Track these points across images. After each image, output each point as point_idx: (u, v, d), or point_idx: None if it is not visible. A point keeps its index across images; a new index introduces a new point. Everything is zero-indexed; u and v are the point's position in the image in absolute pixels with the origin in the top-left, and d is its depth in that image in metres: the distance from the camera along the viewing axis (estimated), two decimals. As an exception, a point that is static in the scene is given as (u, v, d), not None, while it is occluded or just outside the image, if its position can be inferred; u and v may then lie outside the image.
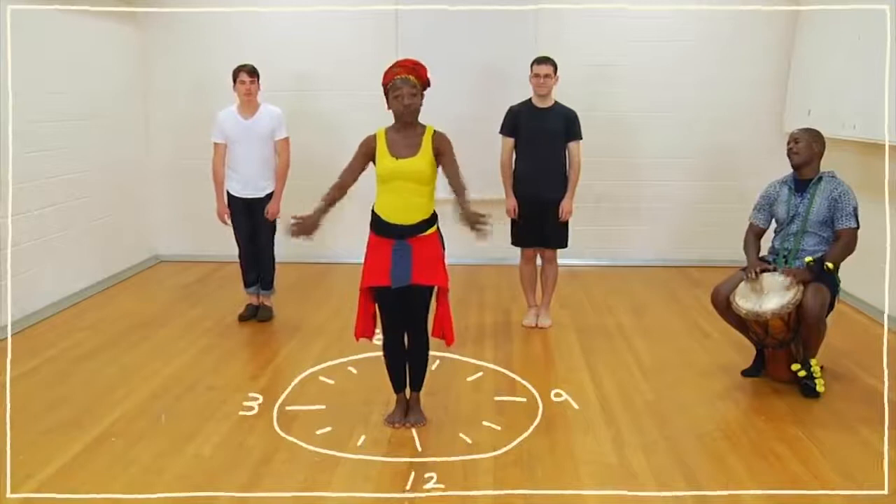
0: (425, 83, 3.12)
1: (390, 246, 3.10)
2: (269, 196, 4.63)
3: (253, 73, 4.50)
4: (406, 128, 3.11)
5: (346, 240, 5.48)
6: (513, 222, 4.61)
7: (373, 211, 3.17)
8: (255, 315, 4.81)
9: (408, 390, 3.39)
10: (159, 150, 6.24)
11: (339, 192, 3.13)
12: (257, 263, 4.78)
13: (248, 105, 4.54)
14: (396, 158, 3.07)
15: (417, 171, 3.06)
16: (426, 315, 3.23)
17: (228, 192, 4.65)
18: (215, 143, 4.61)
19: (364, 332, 3.29)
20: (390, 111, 3.12)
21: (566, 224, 4.55)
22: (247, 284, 4.84)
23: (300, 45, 5.99)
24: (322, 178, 5.88)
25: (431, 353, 3.35)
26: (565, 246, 4.62)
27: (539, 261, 4.71)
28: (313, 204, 3.09)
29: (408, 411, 3.37)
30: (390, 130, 3.15)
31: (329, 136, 5.97)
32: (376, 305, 3.24)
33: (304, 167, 5.25)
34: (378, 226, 3.15)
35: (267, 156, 4.60)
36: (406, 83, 3.02)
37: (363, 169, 3.16)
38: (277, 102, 4.73)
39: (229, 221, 4.70)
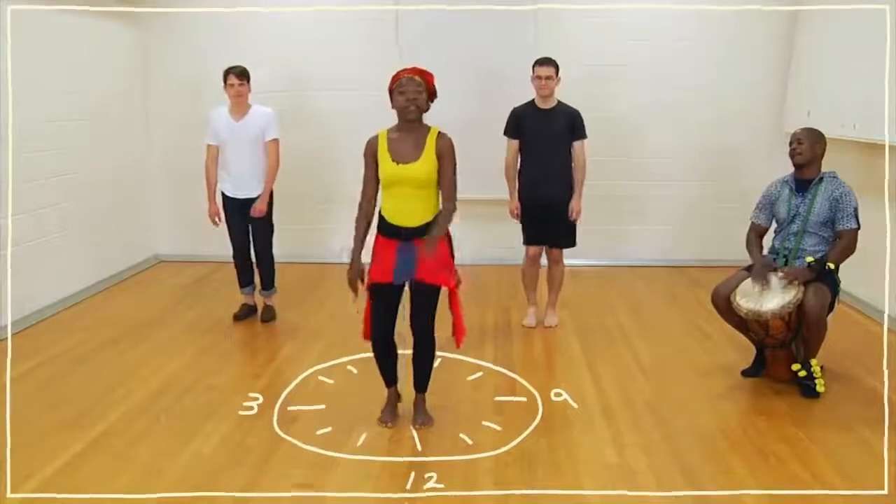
0: (432, 90, 3.10)
1: (395, 246, 3.11)
2: None
3: (242, 75, 4.45)
4: (409, 127, 3.08)
5: (347, 240, 5.46)
6: (523, 222, 4.60)
7: (380, 213, 3.17)
8: (251, 315, 4.82)
9: (399, 387, 3.39)
10: (159, 150, 6.24)
11: (368, 205, 3.16)
12: (252, 264, 4.78)
13: (238, 107, 4.52)
14: (398, 164, 3.04)
15: (418, 178, 3.03)
16: (431, 316, 3.19)
17: (223, 193, 4.65)
18: (208, 145, 4.61)
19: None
20: (394, 111, 3.10)
21: (573, 223, 4.54)
22: (242, 285, 4.83)
23: (300, 45, 5.98)
24: (321, 179, 5.97)
25: (431, 352, 3.36)
26: (574, 245, 4.61)
27: (545, 260, 4.70)
28: (313, 205, 3.09)
29: (414, 413, 3.37)
30: (392, 132, 3.12)
31: (329, 138, 5.97)
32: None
33: (303, 168, 5.26)
34: (384, 228, 3.14)
35: (258, 156, 4.56)
36: (412, 82, 3.01)
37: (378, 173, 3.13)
38: (276, 103, 4.73)
39: (220, 222, 4.69)
